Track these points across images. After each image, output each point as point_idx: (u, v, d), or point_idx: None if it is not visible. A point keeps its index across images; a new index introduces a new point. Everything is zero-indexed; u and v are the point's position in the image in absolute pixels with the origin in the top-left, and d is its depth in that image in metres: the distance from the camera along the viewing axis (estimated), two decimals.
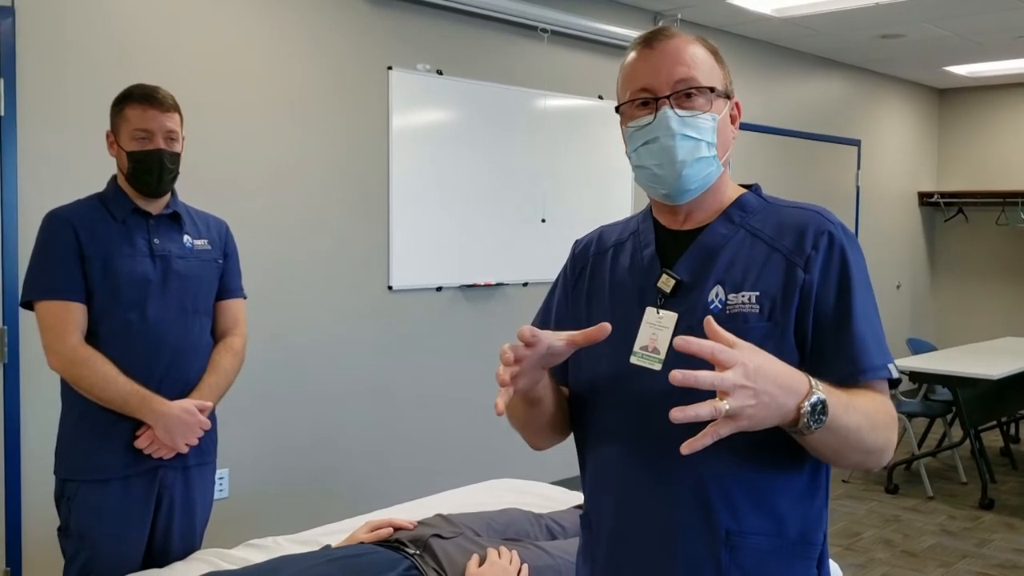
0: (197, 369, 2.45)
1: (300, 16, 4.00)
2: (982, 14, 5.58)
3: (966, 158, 8.48)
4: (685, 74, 1.38)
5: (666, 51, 1.40)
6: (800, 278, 1.34)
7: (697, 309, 1.36)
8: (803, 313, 1.33)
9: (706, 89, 1.39)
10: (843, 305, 1.33)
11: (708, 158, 1.40)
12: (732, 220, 1.43)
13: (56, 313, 2.29)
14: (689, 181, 1.39)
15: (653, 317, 1.39)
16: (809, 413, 1.18)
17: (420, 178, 4.50)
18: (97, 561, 2.33)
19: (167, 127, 2.36)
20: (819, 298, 1.33)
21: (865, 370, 1.31)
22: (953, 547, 4.54)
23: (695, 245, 1.42)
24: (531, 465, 4.43)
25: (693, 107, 1.39)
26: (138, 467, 2.36)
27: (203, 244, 2.50)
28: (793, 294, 1.33)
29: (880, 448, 1.31)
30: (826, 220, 1.38)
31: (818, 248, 1.35)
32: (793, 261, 1.35)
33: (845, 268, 1.35)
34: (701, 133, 1.39)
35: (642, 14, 5.53)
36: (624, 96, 1.45)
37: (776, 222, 1.40)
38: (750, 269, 1.37)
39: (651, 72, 1.40)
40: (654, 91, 1.39)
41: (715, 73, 1.42)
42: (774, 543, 1.35)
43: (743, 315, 1.33)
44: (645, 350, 1.38)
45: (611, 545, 1.42)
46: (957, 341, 7.38)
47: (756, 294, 1.34)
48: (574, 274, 1.57)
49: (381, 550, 2.11)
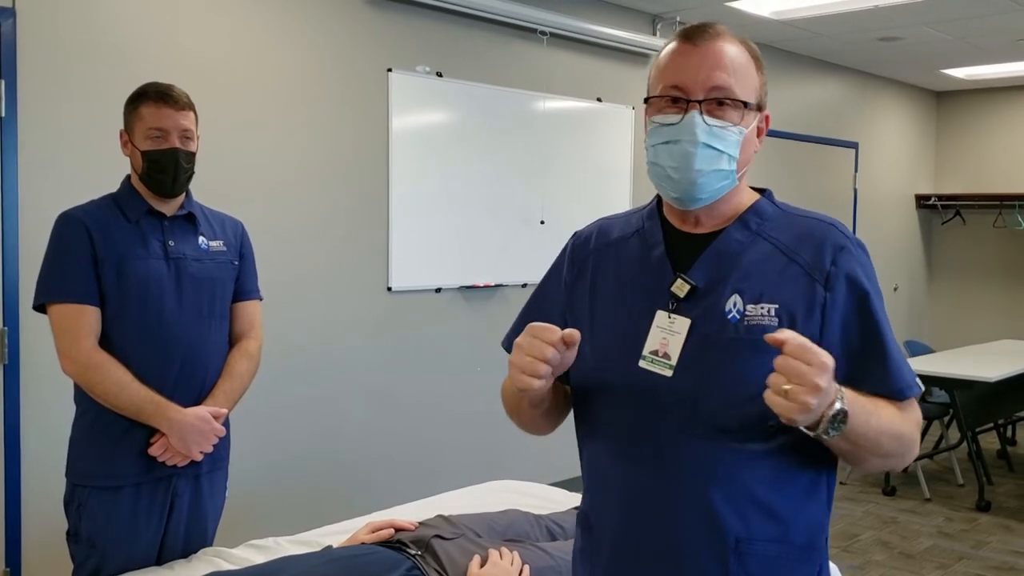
0: (212, 373, 2.41)
1: (300, 18, 4.01)
2: (980, 17, 5.60)
3: (964, 161, 8.50)
4: (723, 82, 1.34)
5: (708, 52, 1.35)
6: (821, 296, 1.33)
7: (712, 317, 1.34)
8: (824, 331, 1.32)
9: (740, 103, 1.35)
10: (870, 327, 1.34)
11: (726, 171, 1.36)
12: (749, 227, 1.40)
13: (69, 316, 2.25)
14: (701, 191, 1.36)
15: (664, 321, 1.36)
16: (829, 420, 1.21)
17: (420, 179, 4.50)
18: (107, 567, 2.30)
19: (182, 126, 2.32)
20: (844, 320, 1.33)
21: (902, 389, 1.33)
22: (950, 549, 4.55)
23: (711, 250, 1.39)
24: (531, 466, 4.43)
25: (723, 118, 1.34)
26: (151, 474, 2.33)
27: (218, 245, 2.45)
28: (814, 311, 1.32)
29: (900, 454, 1.34)
30: (842, 234, 1.37)
31: (837, 264, 1.34)
32: (812, 276, 1.34)
33: (865, 286, 1.35)
34: (725, 146, 1.35)
35: (641, 17, 5.54)
36: (656, 88, 1.40)
37: (793, 232, 1.38)
38: (769, 280, 1.34)
39: (688, 71, 1.35)
40: (687, 92, 1.35)
41: (752, 84, 1.38)
42: (782, 549, 1.34)
43: (761, 327, 1.31)
44: (655, 355, 1.35)
45: (614, 549, 1.40)
46: (954, 343, 7.39)
47: (775, 307, 1.32)
48: (573, 268, 1.53)
49: (383, 551, 2.12)
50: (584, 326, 1.42)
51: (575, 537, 1.54)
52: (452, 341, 4.70)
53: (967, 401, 5.30)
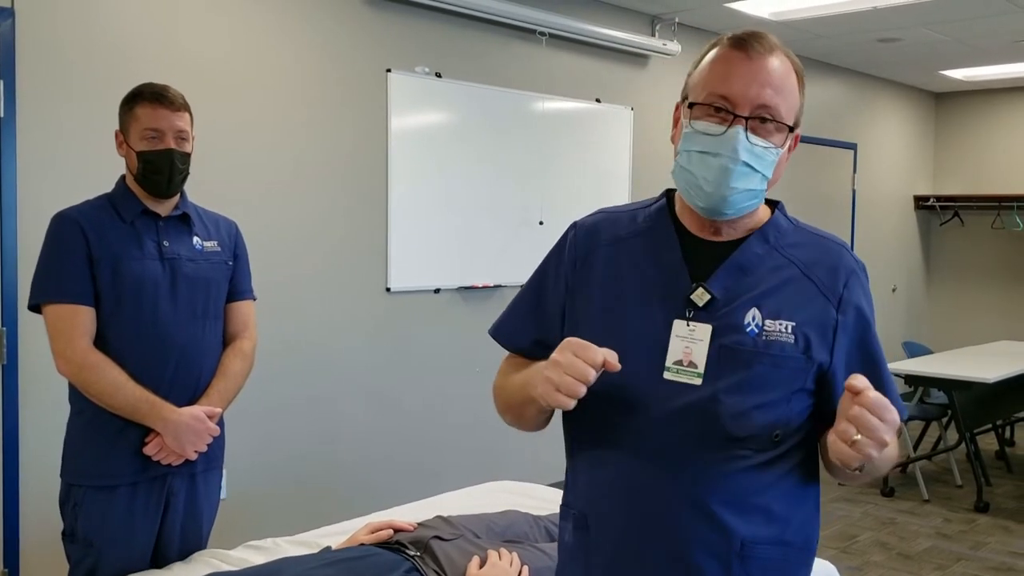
0: (207, 372, 2.42)
1: (299, 18, 4.01)
2: (979, 18, 5.60)
3: (962, 162, 8.50)
4: (771, 101, 1.31)
5: (760, 67, 1.32)
6: (834, 319, 1.35)
7: (731, 329, 1.34)
8: (834, 354, 1.35)
9: (784, 126, 1.34)
10: (871, 356, 1.38)
11: (757, 191, 1.35)
12: (768, 240, 1.40)
13: (64, 317, 2.25)
14: (731, 206, 1.34)
15: (683, 330, 1.35)
16: None
17: (419, 180, 4.50)
18: (102, 567, 2.31)
19: (177, 126, 2.33)
20: (849, 346, 1.36)
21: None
22: (948, 550, 4.55)
23: (731, 262, 1.37)
24: (529, 467, 4.44)
25: (766, 138, 1.33)
26: (146, 473, 2.33)
27: (213, 246, 2.46)
28: (827, 333, 1.35)
29: (883, 471, 1.39)
30: (853, 259, 1.40)
31: (849, 288, 1.37)
32: (827, 297, 1.36)
33: (867, 316, 1.38)
34: (762, 166, 1.33)
35: (640, 18, 5.55)
36: (699, 93, 1.35)
37: (808, 250, 1.40)
38: (786, 297, 1.35)
39: (738, 84, 1.31)
40: (734, 105, 1.31)
41: (795, 104, 1.36)
42: (782, 551, 1.36)
43: (779, 343, 1.32)
44: (680, 364, 1.34)
45: (617, 552, 1.39)
46: (953, 344, 7.39)
47: (793, 324, 1.34)
48: (576, 260, 1.47)
49: (382, 552, 2.12)
50: (591, 326, 1.39)
51: (562, 533, 1.50)
52: (451, 342, 4.69)
53: (965, 402, 5.31)
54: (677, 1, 5.31)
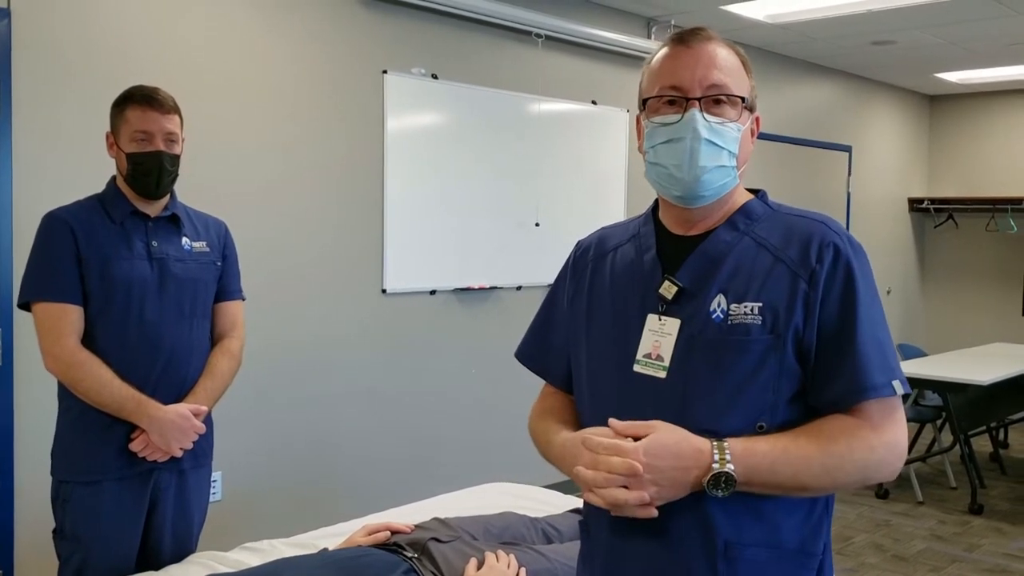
0: (194, 372, 2.45)
1: (295, 19, 4.00)
2: (973, 21, 5.62)
3: (956, 164, 8.53)
4: (719, 80, 1.37)
5: (702, 53, 1.38)
6: (803, 291, 1.32)
7: (698, 318, 1.35)
8: (806, 328, 1.31)
9: (736, 99, 1.38)
10: (846, 322, 1.31)
11: (728, 167, 1.38)
12: (736, 227, 1.41)
13: (53, 315, 2.28)
14: (705, 187, 1.37)
15: (655, 324, 1.38)
16: (712, 486, 1.25)
17: (414, 181, 4.50)
18: (91, 563, 2.33)
19: (167, 129, 2.36)
20: (823, 314, 1.32)
21: (865, 389, 1.29)
22: (943, 552, 4.56)
23: (697, 252, 1.40)
24: (526, 469, 4.42)
25: (721, 115, 1.37)
26: (132, 469, 2.36)
27: (201, 246, 2.49)
28: (795, 306, 1.31)
29: (844, 484, 1.30)
30: (831, 231, 1.36)
31: (823, 261, 1.33)
32: (797, 273, 1.33)
33: (850, 282, 1.33)
34: (725, 142, 1.37)
35: (635, 20, 5.55)
36: (652, 90, 1.41)
37: (782, 231, 1.39)
38: (754, 279, 1.34)
39: (685, 71, 1.37)
40: (685, 91, 1.37)
41: (744, 84, 1.41)
42: (772, 554, 1.34)
43: (744, 326, 1.32)
44: (648, 357, 1.37)
45: (608, 553, 1.41)
46: (947, 347, 7.42)
47: (759, 305, 1.32)
48: (574, 279, 1.55)
49: (379, 553, 2.11)
50: (581, 334, 1.46)
51: (580, 545, 1.55)
52: (447, 343, 4.69)
53: (960, 404, 5.32)
54: (673, 3, 5.32)
